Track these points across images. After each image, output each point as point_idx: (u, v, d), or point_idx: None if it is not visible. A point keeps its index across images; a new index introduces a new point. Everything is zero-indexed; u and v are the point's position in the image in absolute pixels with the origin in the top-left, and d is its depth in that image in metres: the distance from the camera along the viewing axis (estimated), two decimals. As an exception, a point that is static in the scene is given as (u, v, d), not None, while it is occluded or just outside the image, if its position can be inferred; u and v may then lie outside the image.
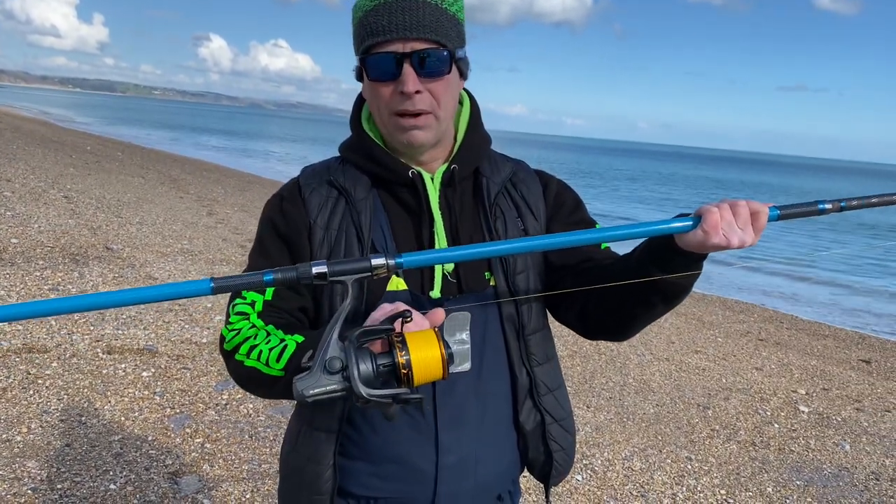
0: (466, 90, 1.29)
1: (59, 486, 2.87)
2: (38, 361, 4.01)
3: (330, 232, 1.19)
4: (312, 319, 1.27)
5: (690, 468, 3.88)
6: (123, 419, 3.52)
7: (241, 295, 1.19)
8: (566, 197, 1.32)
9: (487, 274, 1.23)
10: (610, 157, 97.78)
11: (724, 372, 5.88)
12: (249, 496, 3.03)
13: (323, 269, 0.95)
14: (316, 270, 0.95)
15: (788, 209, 1.06)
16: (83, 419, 3.45)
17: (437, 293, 1.19)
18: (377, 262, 0.96)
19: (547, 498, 1.42)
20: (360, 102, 1.28)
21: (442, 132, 1.20)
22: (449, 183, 1.23)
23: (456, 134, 1.26)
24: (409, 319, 0.96)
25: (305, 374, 0.94)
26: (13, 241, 6.45)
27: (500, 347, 1.24)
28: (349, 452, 1.24)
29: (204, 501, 2.93)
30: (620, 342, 1.39)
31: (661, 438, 4.26)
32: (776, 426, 4.70)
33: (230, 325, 1.17)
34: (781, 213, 1.05)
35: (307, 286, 1.24)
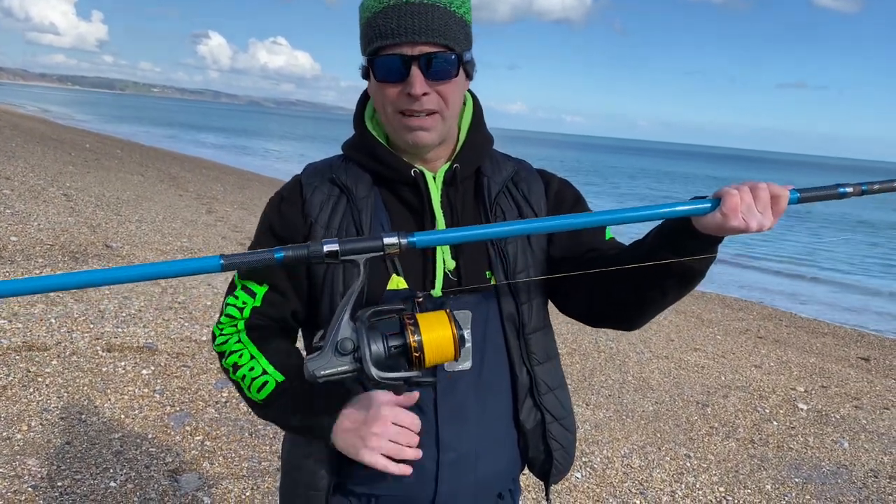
0: (469, 90, 1.29)
1: (59, 483, 2.88)
2: (38, 359, 4.01)
3: (331, 230, 1.20)
4: (304, 321, 1.28)
5: (689, 466, 3.89)
6: (123, 417, 3.52)
7: (234, 294, 1.23)
8: (567, 194, 1.32)
9: (488, 273, 1.23)
10: (610, 154, 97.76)
11: (723, 370, 5.89)
12: (249, 494, 3.03)
13: (335, 247, 0.93)
14: (328, 248, 0.93)
15: (808, 192, 1.03)
16: (83, 417, 3.46)
17: (437, 292, 1.18)
18: (389, 240, 0.94)
19: (547, 496, 1.42)
20: (363, 101, 1.28)
21: (446, 132, 1.20)
22: (451, 182, 1.23)
23: (458, 133, 1.27)
24: (420, 300, 0.94)
25: (316, 354, 0.93)
26: (13, 239, 6.45)
27: (500, 346, 1.24)
28: None
29: (204, 499, 2.94)
30: (629, 331, 1.39)
31: (660, 436, 4.26)
32: (775, 424, 4.71)
33: (220, 325, 1.24)
34: (801, 196, 1.02)
35: (304, 288, 1.24)
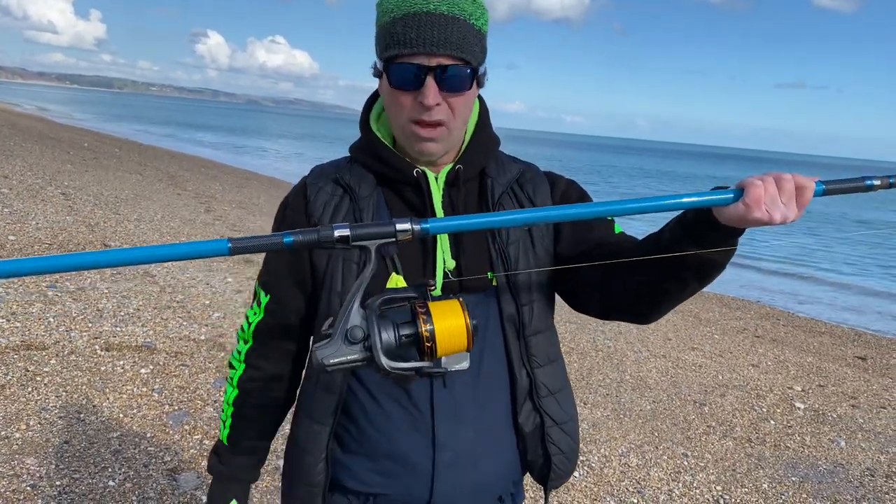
0: None
1: (57, 482, 2.89)
2: (36, 358, 4.02)
3: None
4: (305, 319, 1.30)
5: (686, 464, 3.90)
6: (122, 416, 3.53)
7: (252, 306, 1.34)
8: (571, 192, 1.31)
9: (490, 274, 1.22)
10: (609, 154, 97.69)
11: (720, 369, 5.90)
12: (248, 492, 3.04)
13: (346, 232, 0.90)
14: (338, 233, 0.90)
15: (834, 184, 1.00)
16: (82, 416, 3.46)
17: (438, 291, 1.18)
18: (402, 226, 0.91)
19: (546, 501, 1.41)
20: (369, 103, 1.29)
21: (453, 142, 1.20)
22: (453, 183, 1.23)
23: (464, 135, 1.26)
24: (433, 288, 0.92)
25: (325, 342, 0.92)
26: (11, 237, 6.45)
27: (499, 348, 1.24)
28: (347, 446, 1.25)
29: (202, 498, 2.94)
30: (642, 324, 1.36)
31: (657, 435, 4.28)
32: (772, 423, 4.73)
33: (237, 356, 1.36)
34: (827, 188, 0.99)
35: (306, 286, 1.25)
